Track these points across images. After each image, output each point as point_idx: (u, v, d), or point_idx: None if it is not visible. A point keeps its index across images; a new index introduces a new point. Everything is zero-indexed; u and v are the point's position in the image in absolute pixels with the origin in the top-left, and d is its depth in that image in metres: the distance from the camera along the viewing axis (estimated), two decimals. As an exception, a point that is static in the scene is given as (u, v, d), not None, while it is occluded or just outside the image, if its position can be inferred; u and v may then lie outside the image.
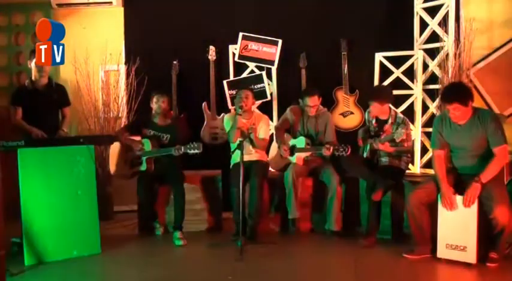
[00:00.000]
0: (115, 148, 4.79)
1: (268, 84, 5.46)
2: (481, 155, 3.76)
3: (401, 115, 4.57)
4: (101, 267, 3.93)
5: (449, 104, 3.68)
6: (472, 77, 5.04)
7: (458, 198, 3.70)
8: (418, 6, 5.23)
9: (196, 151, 4.36)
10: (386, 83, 5.20)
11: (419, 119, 5.18)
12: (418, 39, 5.26)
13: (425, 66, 5.22)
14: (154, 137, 4.69)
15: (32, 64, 4.45)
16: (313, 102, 4.65)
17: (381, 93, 4.51)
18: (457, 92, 3.71)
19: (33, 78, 4.54)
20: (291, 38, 5.44)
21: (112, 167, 4.85)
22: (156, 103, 4.71)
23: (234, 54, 5.52)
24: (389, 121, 4.44)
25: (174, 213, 4.56)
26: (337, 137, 4.79)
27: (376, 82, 5.26)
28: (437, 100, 5.08)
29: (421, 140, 5.19)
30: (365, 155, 4.46)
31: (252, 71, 5.52)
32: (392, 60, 5.25)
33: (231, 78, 5.53)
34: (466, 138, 3.77)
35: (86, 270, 3.82)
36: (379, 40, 5.36)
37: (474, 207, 3.65)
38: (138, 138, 4.71)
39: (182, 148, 4.41)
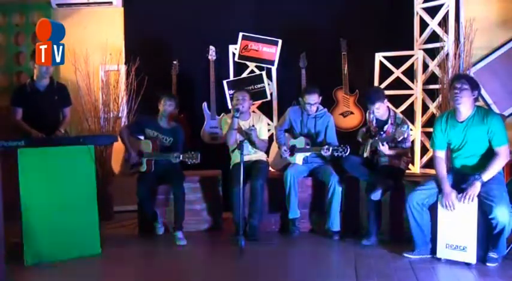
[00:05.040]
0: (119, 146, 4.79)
1: (268, 84, 5.46)
2: (481, 154, 3.77)
3: (400, 115, 4.57)
4: (101, 267, 3.94)
5: (458, 80, 3.76)
6: (472, 77, 5.04)
7: (458, 197, 3.71)
8: (418, 6, 5.23)
9: (194, 161, 4.36)
10: (386, 83, 5.19)
11: (419, 119, 5.18)
12: (418, 39, 5.26)
13: (425, 66, 5.22)
14: (157, 138, 4.69)
15: (36, 65, 4.43)
16: (313, 100, 4.65)
17: (380, 93, 4.50)
18: (470, 76, 4.03)
19: (34, 78, 4.53)
20: (291, 38, 5.44)
21: (114, 164, 4.84)
22: (164, 106, 4.70)
23: (234, 54, 5.52)
24: (389, 121, 4.45)
25: (174, 213, 4.56)
26: (337, 137, 4.78)
27: (376, 82, 5.26)
28: (437, 100, 5.08)
29: (421, 140, 5.19)
30: (365, 155, 4.46)
31: (252, 71, 5.52)
32: (393, 60, 5.25)
33: (231, 78, 5.53)
34: (466, 137, 3.78)
35: (86, 270, 3.82)
36: (379, 40, 5.36)
37: (474, 207, 3.65)
38: (140, 137, 4.72)
39: (181, 156, 4.41)
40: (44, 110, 4.56)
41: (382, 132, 4.40)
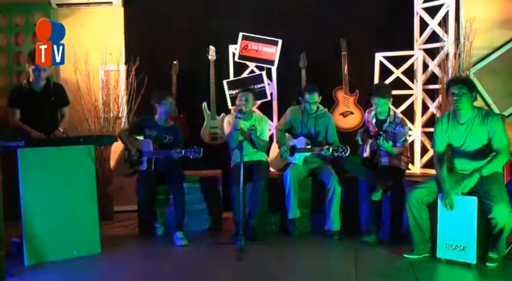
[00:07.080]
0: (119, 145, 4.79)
1: (268, 84, 5.46)
2: (481, 154, 3.78)
3: (399, 115, 4.58)
4: (101, 267, 3.93)
5: (455, 84, 3.77)
6: (472, 77, 5.04)
7: (458, 198, 3.71)
8: (418, 6, 5.23)
9: (197, 156, 4.35)
10: (386, 83, 5.16)
11: (419, 119, 5.18)
12: (418, 39, 5.26)
13: (425, 66, 5.23)
14: (157, 137, 4.69)
15: (30, 68, 4.41)
16: (313, 99, 4.65)
17: (389, 88, 4.56)
18: (465, 78, 4.16)
19: (30, 80, 4.53)
20: (291, 38, 5.44)
21: (112, 164, 4.83)
22: (168, 106, 4.70)
23: (234, 54, 5.52)
24: (388, 120, 4.45)
25: (174, 213, 4.56)
26: (338, 137, 4.78)
27: (376, 82, 5.25)
28: (437, 100, 5.08)
29: (421, 140, 5.19)
30: (365, 155, 4.46)
31: (252, 71, 5.53)
32: (393, 60, 5.25)
33: (231, 78, 5.53)
34: (467, 138, 3.79)
35: (86, 270, 3.82)
36: (379, 40, 5.37)
37: (474, 207, 3.66)
38: (140, 138, 4.72)
39: (183, 151, 4.40)
40: (42, 110, 4.54)
41: (381, 132, 4.40)
